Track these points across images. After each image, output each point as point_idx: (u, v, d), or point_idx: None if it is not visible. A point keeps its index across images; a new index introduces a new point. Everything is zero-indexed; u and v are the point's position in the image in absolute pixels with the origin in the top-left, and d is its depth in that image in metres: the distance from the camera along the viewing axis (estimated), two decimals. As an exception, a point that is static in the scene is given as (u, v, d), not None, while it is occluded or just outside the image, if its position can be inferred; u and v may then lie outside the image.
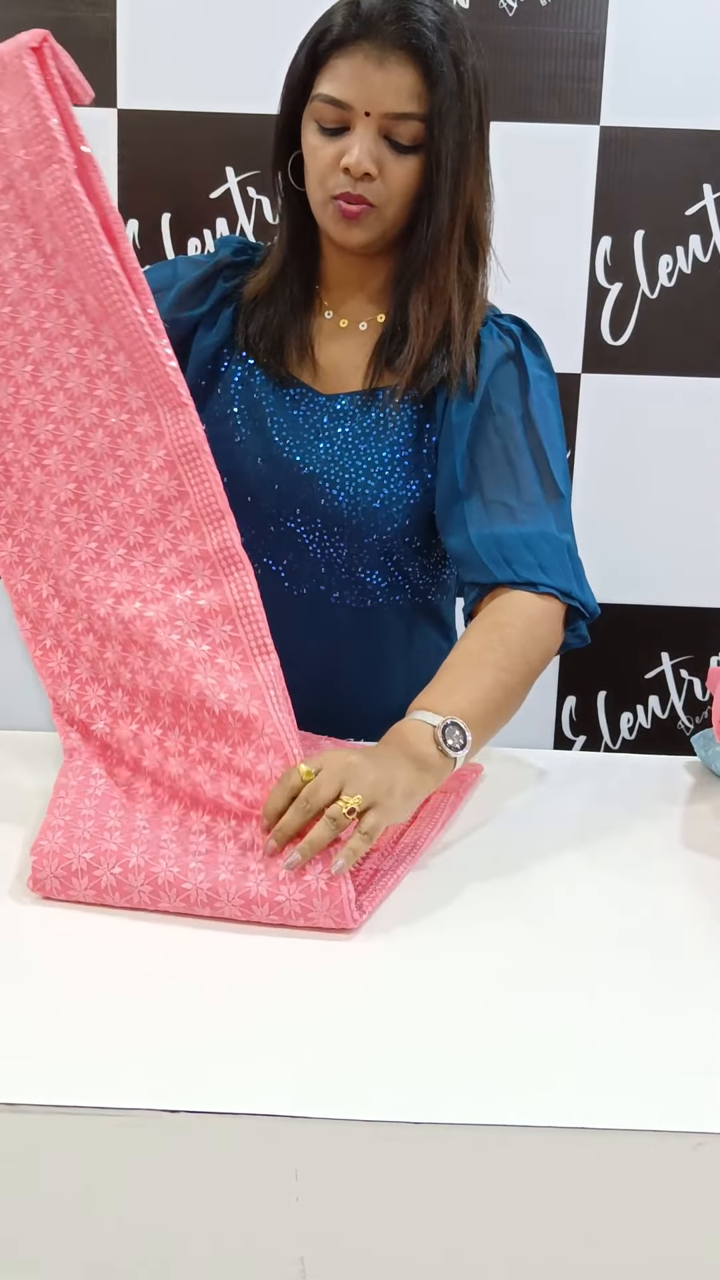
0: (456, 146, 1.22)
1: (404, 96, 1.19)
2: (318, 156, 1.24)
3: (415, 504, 1.33)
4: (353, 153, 1.20)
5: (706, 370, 1.97)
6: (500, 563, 1.23)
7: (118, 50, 1.86)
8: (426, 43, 1.18)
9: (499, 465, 1.27)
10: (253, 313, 1.37)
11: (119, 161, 1.90)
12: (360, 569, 1.36)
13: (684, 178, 1.90)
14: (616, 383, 1.97)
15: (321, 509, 1.34)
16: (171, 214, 1.92)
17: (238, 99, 1.86)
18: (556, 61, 1.86)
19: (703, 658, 2.09)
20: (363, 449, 1.33)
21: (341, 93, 1.20)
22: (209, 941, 0.92)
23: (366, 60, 1.18)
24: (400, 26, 1.17)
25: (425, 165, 1.22)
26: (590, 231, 1.92)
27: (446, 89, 1.19)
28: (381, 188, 1.23)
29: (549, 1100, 0.75)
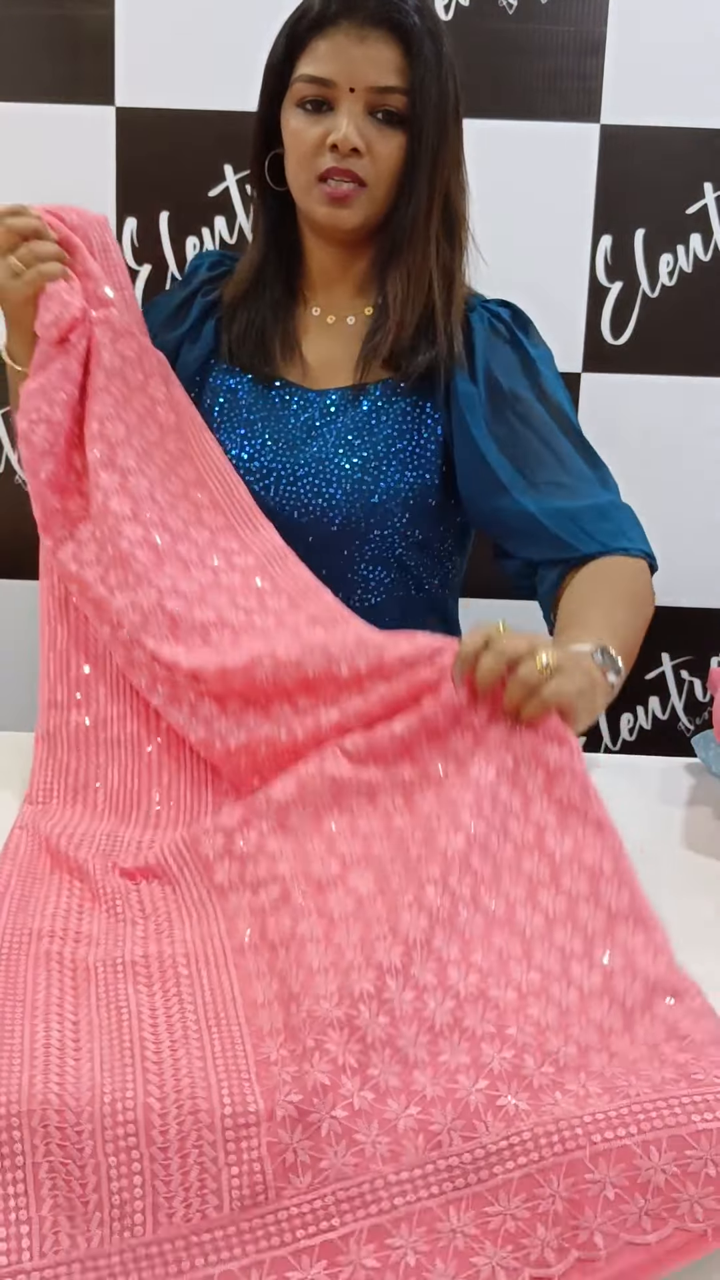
0: (436, 123, 1.23)
1: (387, 70, 1.21)
2: (301, 138, 1.24)
3: (415, 496, 1.32)
4: (340, 128, 1.21)
5: (707, 369, 1.96)
6: (582, 536, 1.24)
7: (116, 48, 1.86)
8: (407, 19, 1.20)
9: (538, 452, 1.29)
10: (232, 318, 1.37)
11: (117, 160, 1.89)
12: (363, 565, 1.35)
13: (685, 176, 1.89)
14: (617, 382, 1.96)
15: (321, 508, 1.33)
16: (170, 212, 1.91)
17: (236, 97, 1.85)
18: (557, 59, 1.85)
19: (703, 659, 2.08)
20: (356, 444, 1.32)
21: (324, 70, 1.21)
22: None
23: (347, 38, 1.20)
24: (379, 3, 1.20)
25: (408, 140, 1.23)
26: (590, 230, 1.91)
27: (426, 64, 1.21)
28: (369, 165, 1.24)
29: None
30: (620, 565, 1.24)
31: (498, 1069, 0.75)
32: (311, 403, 1.34)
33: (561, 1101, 0.73)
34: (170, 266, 1.93)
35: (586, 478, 1.29)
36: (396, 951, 0.81)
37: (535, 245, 1.91)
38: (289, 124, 1.26)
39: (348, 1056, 0.75)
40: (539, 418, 1.31)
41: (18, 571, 2.06)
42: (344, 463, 1.32)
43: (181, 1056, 0.76)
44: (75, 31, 1.85)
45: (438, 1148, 0.72)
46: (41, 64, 1.86)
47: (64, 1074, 0.74)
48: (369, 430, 1.32)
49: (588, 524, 1.25)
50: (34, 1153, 0.71)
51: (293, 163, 1.26)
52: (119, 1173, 0.71)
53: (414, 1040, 0.76)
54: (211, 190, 1.90)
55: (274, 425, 1.34)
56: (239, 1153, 0.72)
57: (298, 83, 1.24)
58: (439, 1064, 0.76)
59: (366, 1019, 0.77)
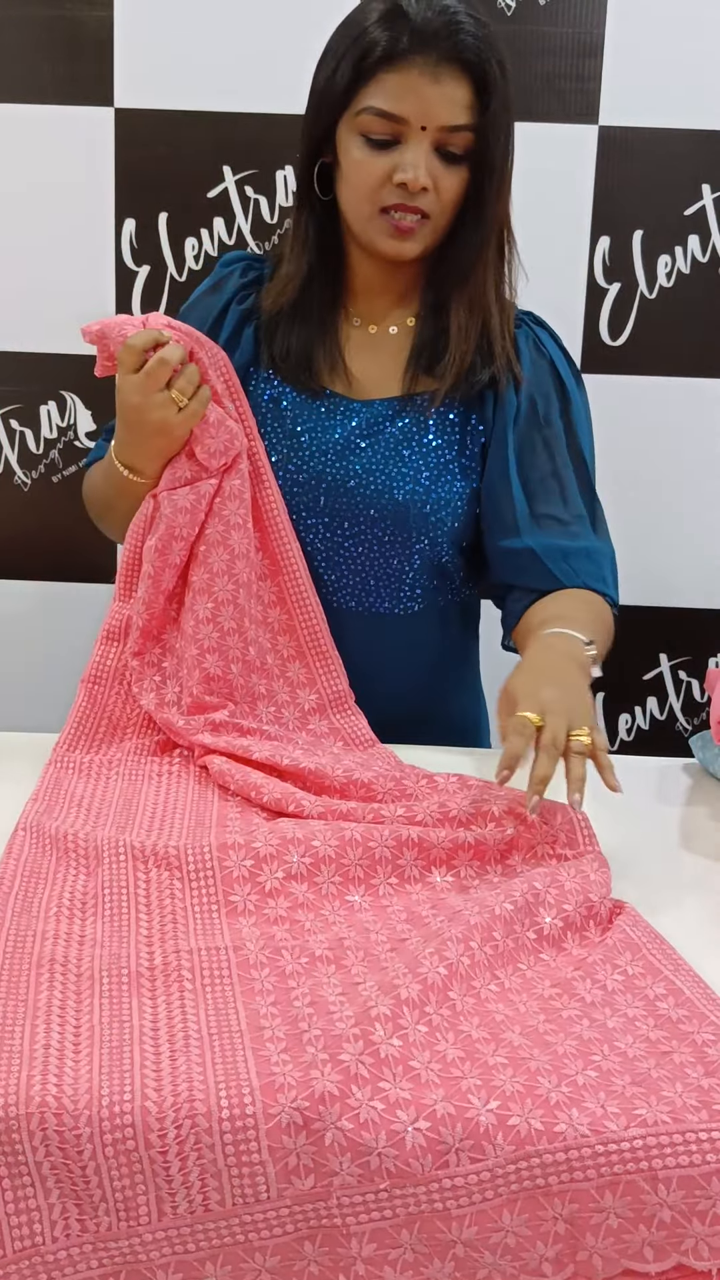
0: (504, 154, 1.24)
1: (458, 109, 1.19)
2: (365, 170, 1.22)
3: (464, 505, 1.34)
4: (409, 170, 1.20)
5: (705, 370, 1.96)
6: (569, 573, 1.30)
7: (115, 49, 1.86)
8: (479, 56, 1.18)
9: (548, 480, 1.32)
10: (276, 328, 1.35)
11: (116, 161, 1.90)
12: (410, 573, 1.36)
13: (683, 178, 1.89)
14: (615, 383, 1.96)
15: (371, 518, 1.33)
16: (169, 213, 1.91)
17: (235, 98, 1.86)
18: (555, 61, 1.85)
19: (701, 659, 2.08)
20: (406, 454, 1.32)
21: (395, 107, 1.19)
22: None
23: (421, 75, 1.17)
24: (455, 41, 1.17)
25: (473, 174, 1.24)
26: (589, 231, 1.91)
27: (499, 100, 1.20)
28: (434, 199, 1.23)
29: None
30: (595, 598, 1.31)
31: (510, 1090, 0.74)
32: (358, 413, 1.33)
33: (577, 1119, 0.72)
34: (169, 268, 1.93)
35: (582, 517, 1.33)
36: (415, 988, 0.81)
37: (533, 246, 1.90)
38: (350, 152, 1.23)
39: (360, 1067, 0.74)
40: (560, 448, 1.33)
41: (18, 572, 2.06)
42: (396, 473, 1.32)
43: (181, 1064, 0.75)
44: (74, 33, 1.85)
45: (445, 1166, 0.72)
46: (40, 65, 1.87)
47: (62, 1078, 0.74)
48: (419, 441, 1.32)
49: (576, 563, 1.31)
50: (34, 1153, 0.72)
51: (355, 193, 1.25)
52: (120, 1174, 0.72)
53: (426, 1064, 0.76)
54: (210, 191, 1.90)
55: (320, 436, 1.33)
56: (238, 1155, 0.72)
57: (365, 114, 1.21)
58: (451, 1080, 0.75)
59: (381, 1036, 0.77)
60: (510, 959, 0.88)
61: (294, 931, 0.91)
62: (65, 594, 2.06)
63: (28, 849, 1.03)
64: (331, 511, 1.34)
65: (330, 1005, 0.81)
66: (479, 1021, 0.81)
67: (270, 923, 0.92)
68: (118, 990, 0.83)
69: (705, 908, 1.02)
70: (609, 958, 0.88)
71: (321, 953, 0.88)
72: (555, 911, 0.92)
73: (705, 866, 1.10)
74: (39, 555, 2.05)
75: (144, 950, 0.87)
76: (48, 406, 1.99)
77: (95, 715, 1.28)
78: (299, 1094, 0.73)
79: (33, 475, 2.01)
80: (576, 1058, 0.77)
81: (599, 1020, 0.81)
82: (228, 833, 1.05)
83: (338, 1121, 0.72)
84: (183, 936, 0.90)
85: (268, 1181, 0.72)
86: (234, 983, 0.84)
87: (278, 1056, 0.76)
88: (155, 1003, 0.82)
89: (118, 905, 0.94)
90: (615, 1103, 0.74)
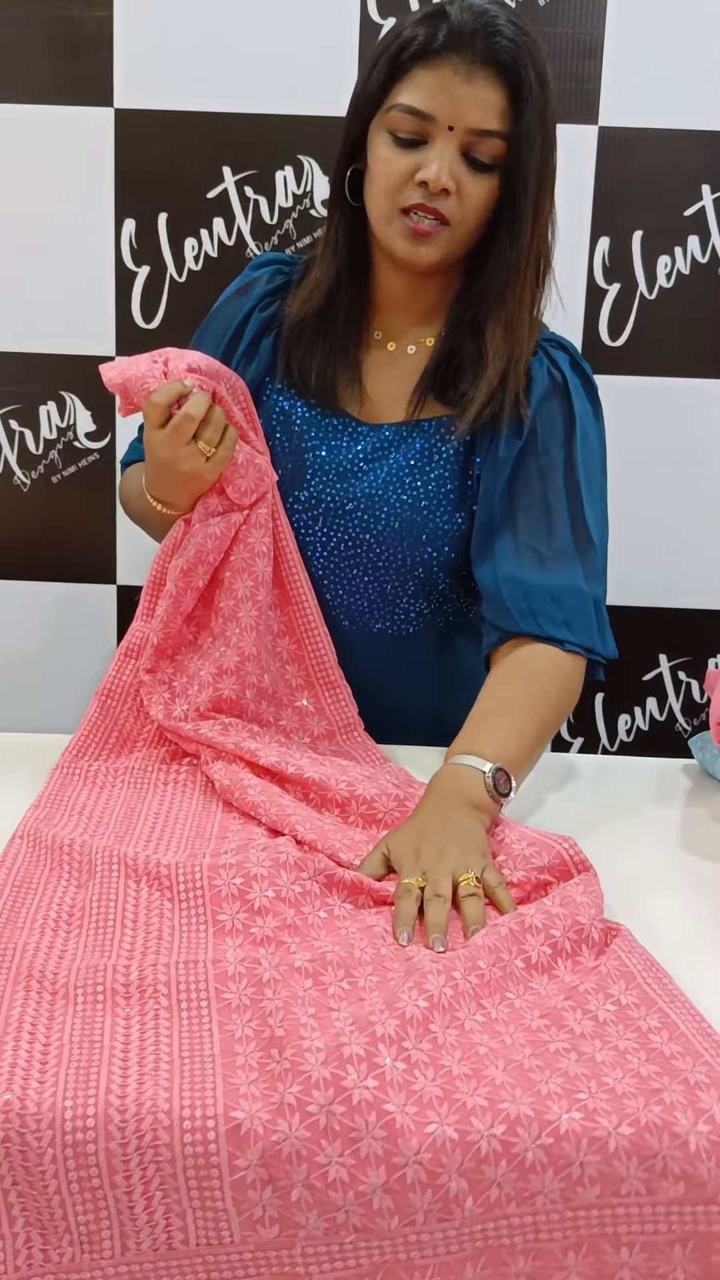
0: (540, 169, 1.20)
1: (490, 113, 1.16)
2: (390, 168, 1.20)
3: (461, 536, 1.31)
4: (432, 166, 1.17)
5: (704, 371, 1.96)
6: (527, 615, 1.24)
7: (114, 49, 1.86)
8: (517, 61, 1.16)
9: (535, 509, 1.27)
10: (298, 340, 1.33)
11: (115, 161, 1.90)
12: (405, 599, 1.35)
13: (682, 178, 1.89)
14: (614, 383, 1.96)
15: (368, 543, 1.33)
16: (168, 214, 1.91)
17: (235, 98, 1.86)
18: (554, 62, 1.85)
19: (700, 660, 2.08)
20: (408, 481, 1.30)
21: (425, 104, 1.16)
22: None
23: (455, 73, 1.15)
24: (491, 43, 1.15)
25: (502, 186, 1.20)
26: (589, 232, 1.91)
27: (534, 111, 1.17)
28: (456, 205, 1.20)
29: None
30: (556, 658, 1.23)
31: (486, 1150, 0.72)
32: (365, 436, 1.32)
33: (550, 1186, 0.71)
34: (169, 268, 1.93)
35: (563, 551, 1.26)
36: (391, 1024, 0.79)
37: (533, 247, 1.91)
38: (377, 150, 1.21)
39: (329, 1119, 0.72)
40: (553, 479, 1.28)
41: (17, 572, 2.06)
42: (395, 500, 1.31)
43: (148, 1090, 0.74)
44: (74, 33, 1.85)
45: (411, 1225, 0.71)
46: (40, 65, 1.87)
47: (26, 1096, 0.73)
48: (421, 470, 1.30)
49: (536, 604, 1.24)
50: (1, 1180, 0.71)
51: (377, 190, 1.22)
52: (84, 1207, 0.72)
53: (401, 1107, 0.73)
54: (210, 192, 1.90)
55: (327, 456, 1.32)
56: (203, 1198, 0.71)
57: (394, 111, 1.18)
58: (424, 1134, 0.72)
59: (354, 1080, 0.74)
60: (498, 988, 0.85)
61: (279, 950, 0.89)
62: (65, 594, 2.06)
63: (22, 858, 1.03)
64: (329, 531, 1.34)
65: (302, 1031, 0.78)
66: (461, 1055, 0.78)
67: (256, 943, 0.90)
68: (91, 1008, 0.82)
69: (705, 908, 1.02)
70: (602, 986, 0.86)
71: (301, 964, 0.86)
72: (543, 937, 0.89)
73: (705, 867, 1.10)
74: (38, 556, 2.05)
75: (123, 965, 0.86)
76: (47, 407, 1.99)
77: (106, 727, 1.27)
78: (265, 1149, 0.71)
79: (32, 476, 2.01)
80: (562, 1097, 0.74)
81: (588, 1054, 0.78)
82: (226, 844, 1.05)
83: (305, 1180, 0.71)
84: (165, 951, 0.89)
85: (231, 1228, 0.72)
86: (210, 997, 0.82)
87: (246, 1089, 0.74)
88: (129, 1021, 0.80)
89: (103, 919, 0.93)
90: (595, 1160, 0.72)
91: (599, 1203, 0.72)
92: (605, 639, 1.28)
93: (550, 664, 1.23)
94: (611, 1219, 0.72)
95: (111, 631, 2.07)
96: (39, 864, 1.02)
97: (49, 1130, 0.72)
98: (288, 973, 0.85)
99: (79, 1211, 0.72)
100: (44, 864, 1.02)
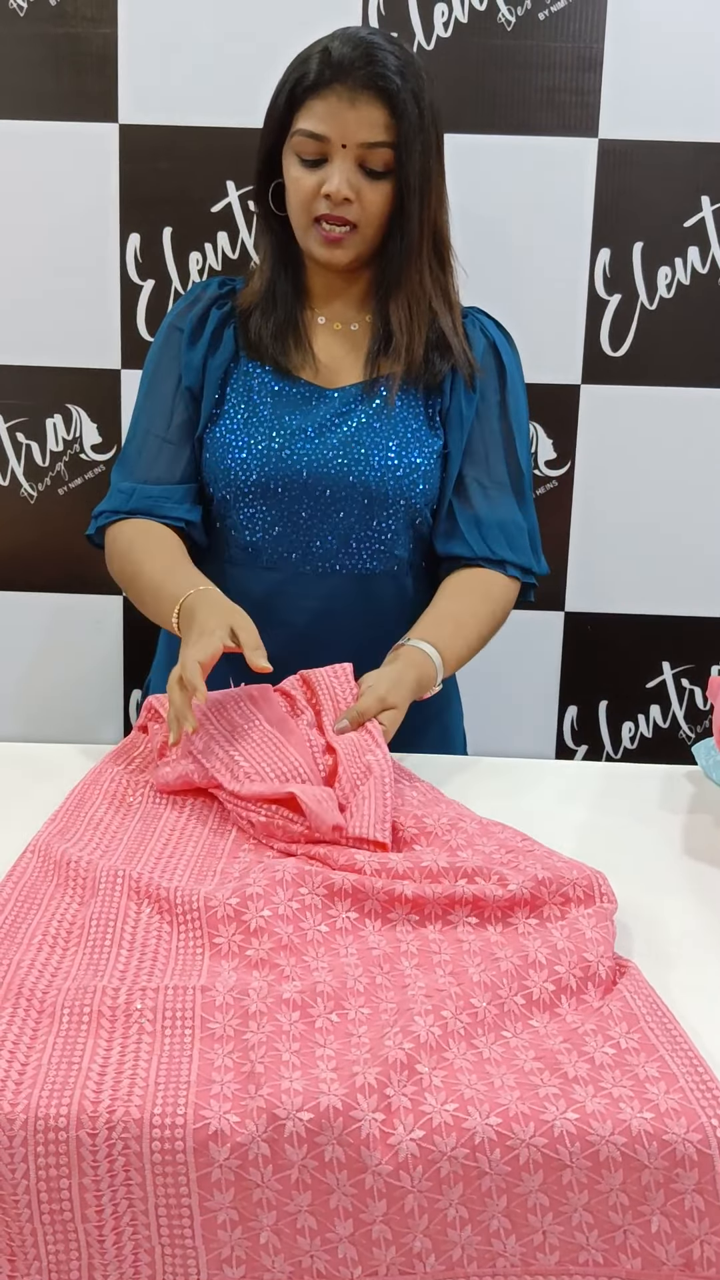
0: (421, 170, 1.38)
1: (375, 128, 1.35)
2: (300, 186, 1.39)
3: (432, 469, 1.47)
4: (333, 180, 1.36)
5: (705, 381, 1.97)
6: (480, 542, 1.48)
7: (119, 65, 1.87)
8: (391, 84, 1.34)
9: (476, 446, 1.49)
10: (249, 318, 1.49)
11: (120, 176, 1.91)
12: (389, 534, 1.48)
13: (682, 190, 1.91)
14: (616, 393, 1.98)
15: (351, 485, 1.45)
16: (173, 228, 1.93)
17: (238, 113, 1.87)
18: (555, 75, 1.87)
19: (703, 667, 2.09)
20: (377, 427, 1.46)
21: (319, 128, 1.36)
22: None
23: (340, 100, 1.35)
24: (368, 71, 1.34)
25: (395, 188, 1.39)
26: (589, 243, 1.92)
27: (410, 122, 1.36)
28: (359, 210, 1.39)
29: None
30: (502, 585, 1.48)
31: (452, 1215, 0.71)
32: (330, 398, 1.47)
33: (507, 1268, 0.71)
34: (173, 282, 1.94)
35: (503, 484, 1.50)
36: (372, 1072, 0.76)
37: (534, 258, 1.92)
38: (289, 170, 1.40)
39: (303, 1173, 0.71)
40: (491, 419, 1.50)
41: (24, 584, 2.07)
42: (371, 445, 1.45)
43: (119, 1113, 0.73)
44: (78, 49, 1.87)
45: (374, 1276, 0.72)
46: (45, 82, 1.88)
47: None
48: (388, 416, 1.46)
49: (487, 532, 1.48)
50: None
51: (292, 205, 1.41)
52: (54, 1236, 0.72)
53: (374, 1167, 0.71)
54: (214, 206, 1.92)
55: (299, 418, 1.46)
56: (172, 1238, 0.72)
57: (296, 136, 1.38)
58: (394, 1196, 0.71)
59: (328, 1136, 0.73)
60: (494, 1026, 0.83)
61: (270, 978, 0.88)
62: (71, 606, 2.07)
63: (30, 872, 1.03)
64: (316, 485, 1.45)
65: (283, 1070, 0.77)
66: (446, 1097, 0.75)
67: (250, 966, 0.89)
68: (75, 1029, 0.81)
69: (708, 915, 1.03)
70: (603, 1027, 0.83)
71: (290, 995, 0.85)
72: (546, 973, 0.87)
73: (709, 874, 1.11)
74: (45, 567, 2.06)
75: (112, 988, 0.85)
76: (53, 419, 2.00)
77: (144, 741, 1.28)
78: (237, 1193, 0.72)
79: (39, 488, 2.02)
80: (539, 1168, 0.72)
81: (579, 1101, 0.75)
82: (237, 864, 1.05)
83: (274, 1225, 0.72)
84: (158, 974, 0.88)
85: (199, 1266, 0.73)
86: (195, 1026, 0.82)
87: (219, 1120, 0.73)
88: (110, 1045, 0.80)
89: (100, 938, 0.93)
90: (558, 1230, 0.72)
91: (556, 1270, 0.72)
92: (539, 560, 1.53)
93: (499, 589, 1.47)
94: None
95: (117, 642, 2.08)
96: (46, 878, 1.02)
97: (22, 1164, 0.72)
98: (275, 1005, 0.84)
99: (49, 1240, 0.72)
100: (51, 879, 1.02)
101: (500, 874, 0.98)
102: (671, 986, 0.90)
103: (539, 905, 0.97)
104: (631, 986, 0.88)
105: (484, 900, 0.97)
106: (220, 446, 1.46)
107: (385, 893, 0.97)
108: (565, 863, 1.01)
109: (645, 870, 1.10)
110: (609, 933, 0.93)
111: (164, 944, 0.93)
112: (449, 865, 1.00)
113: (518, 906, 0.97)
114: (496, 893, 0.96)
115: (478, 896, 0.97)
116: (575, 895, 0.97)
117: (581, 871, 0.99)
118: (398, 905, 0.97)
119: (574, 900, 0.97)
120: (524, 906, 0.97)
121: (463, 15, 1.85)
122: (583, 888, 0.97)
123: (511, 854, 1.03)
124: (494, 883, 0.98)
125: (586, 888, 0.97)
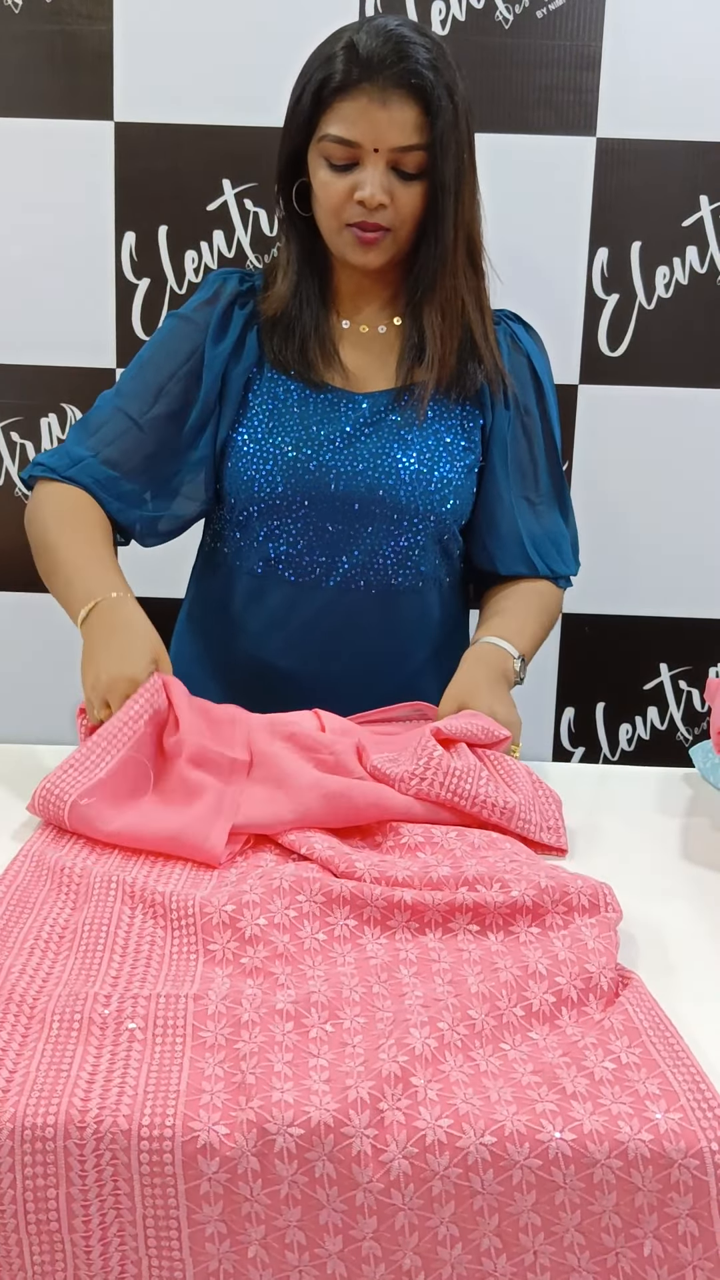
0: (455, 170, 1.32)
1: (408, 130, 1.28)
2: (330, 191, 1.33)
3: (464, 484, 1.43)
4: (366, 188, 1.30)
5: (703, 381, 1.97)
6: (536, 559, 1.48)
7: (114, 63, 1.87)
8: (425, 80, 1.26)
9: (524, 464, 1.47)
10: (274, 330, 1.43)
11: (116, 174, 1.90)
12: (417, 551, 1.44)
13: (680, 189, 1.90)
14: (613, 393, 1.97)
15: (380, 499, 1.40)
16: (168, 226, 1.92)
17: (235, 112, 1.87)
18: (553, 74, 1.86)
19: (701, 669, 2.09)
20: (410, 439, 1.41)
21: (349, 133, 1.28)
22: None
23: (370, 102, 1.27)
24: (399, 68, 1.26)
25: (429, 189, 1.32)
26: (587, 243, 1.92)
27: (445, 120, 1.28)
28: (393, 214, 1.33)
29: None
30: (554, 593, 1.50)
31: (444, 1234, 0.70)
32: (359, 403, 1.42)
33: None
34: (169, 280, 1.94)
35: (549, 499, 1.49)
36: (365, 1086, 0.75)
37: (532, 257, 1.92)
38: (317, 174, 1.33)
39: (293, 1189, 0.70)
40: (535, 432, 1.47)
41: (18, 584, 2.06)
42: (401, 456, 1.40)
43: (106, 1123, 0.72)
44: (74, 47, 1.86)
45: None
46: (41, 79, 1.87)
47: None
48: (419, 426, 1.41)
49: (542, 549, 1.48)
50: None
51: (323, 210, 1.35)
52: (40, 1247, 0.72)
53: (365, 1184, 0.70)
54: (210, 204, 1.91)
55: (327, 426, 1.41)
56: (160, 1250, 0.71)
57: (325, 141, 1.30)
58: (384, 1214, 0.70)
59: (320, 1152, 0.71)
60: (492, 1039, 0.81)
61: (265, 986, 0.87)
62: (66, 606, 2.06)
63: (23, 876, 1.02)
64: (343, 497, 1.40)
65: (274, 1081, 0.75)
66: (440, 1112, 0.74)
67: (245, 973, 0.88)
68: (65, 1036, 0.80)
69: (706, 917, 1.02)
70: (603, 1041, 0.81)
71: (283, 1006, 0.83)
72: (547, 984, 0.86)
73: (706, 876, 1.10)
74: (39, 567, 2.05)
75: (104, 995, 0.84)
76: (48, 419, 1.99)
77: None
78: (225, 1206, 0.71)
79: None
80: (533, 1188, 0.71)
81: (576, 1120, 0.73)
82: (234, 869, 1.04)
83: (263, 1239, 0.71)
84: (151, 981, 0.87)
85: (186, 1278, 0.72)
86: (186, 1034, 0.81)
87: (209, 1133, 0.72)
88: (100, 1051, 0.79)
89: (93, 944, 0.91)
90: (549, 1250, 0.71)
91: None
92: (576, 563, 1.53)
93: (552, 598, 1.49)
94: None
95: (113, 642, 2.07)
96: (39, 883, 1.01)
97: (9, 1174, 0.71)
98: (268, 1015, 0.82)
99: (35, 1252, 0.72)
100: (43, 883, 1.01)
101: (503, 880, 0.97)
102: (671, 994, 0.89)
103: (542, 913, 0.95)
104: (634, 999, 0.87)
105: (485, 907, 0.95)
106: (243, 456, 1.40)
107: (384, 900, 0.96)
108: (571, 875, 1.00)
109: (642, 872, 1.09)
110: (612, 943, 0.92)
111: (157, 950, 0.92)
112: (451, 873, 0.99)
113: (520, 914, 0.95)
114: (498, 898, 0.95)
115: (479, 903, 0.95)
116: (579, 904, 0.95)
117: (587, 881, 0.97)
118: (397, 912, 0.96)
119: (577, 909, 0.95)
120: (526, 914, 0.95)
121: (460, 13, 1.85)
122: (587, 896, 0.96)
123: (515, 863, 1.02)
124: (496, 889, 0.97)
125: (591, 896, 0.96)
